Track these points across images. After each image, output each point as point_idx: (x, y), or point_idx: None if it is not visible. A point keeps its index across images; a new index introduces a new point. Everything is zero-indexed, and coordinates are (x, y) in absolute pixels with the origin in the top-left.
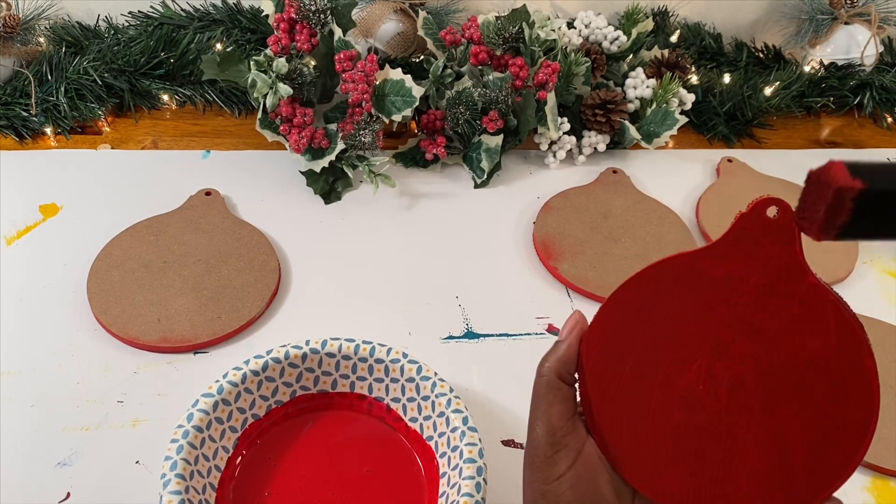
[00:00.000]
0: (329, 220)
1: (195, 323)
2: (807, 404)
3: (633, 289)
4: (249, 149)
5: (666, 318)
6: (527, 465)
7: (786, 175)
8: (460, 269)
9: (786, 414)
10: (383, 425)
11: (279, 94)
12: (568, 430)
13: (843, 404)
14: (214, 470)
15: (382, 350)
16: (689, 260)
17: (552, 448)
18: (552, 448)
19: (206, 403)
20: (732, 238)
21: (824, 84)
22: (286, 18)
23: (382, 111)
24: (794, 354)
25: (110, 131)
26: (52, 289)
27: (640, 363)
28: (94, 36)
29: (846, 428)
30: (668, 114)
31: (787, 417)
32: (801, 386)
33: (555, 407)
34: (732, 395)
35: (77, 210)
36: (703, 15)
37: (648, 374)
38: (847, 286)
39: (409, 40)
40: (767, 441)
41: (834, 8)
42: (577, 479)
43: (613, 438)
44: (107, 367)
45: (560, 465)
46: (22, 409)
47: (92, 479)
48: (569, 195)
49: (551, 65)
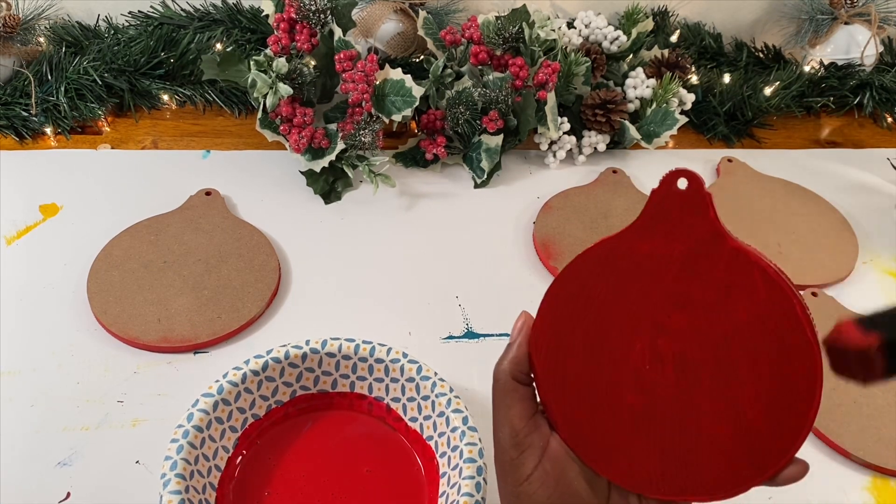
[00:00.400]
0: (329, 220)
1: (195, 323)
2: (753, 367)
3: (566, 280)
4: (249, 149)
5: (601, 303)
6: (497, 471)
7: (786, 175)
8: (460, 269)
9: (735, 380)
10: (383, 425)
11: (279, 94)
12: (530, 429)
13: (787, 362)
14: (214, 470)
15: (382, 350)
16: (613, 243)
17: (517, 450)
18: (517, 450)
19: (206, 403)
20: (649, 215)
21: (824, 84)
22: (286, 18)
23: (382, 111)
24: (730, 320)
25: (110, 131)
26: (52, 289)
27: (587, 352)
28: (94, 36)
29: (795, 384)
30: (668, 114)
31: (737, 384)
32: (743, 350)
33: (514, 409)
34: (680, 371)
35: (77, 210)
36: (703, 15)
37: (596, 361)
38: (847, 286)
39: (409, 40)
40: (723, 410)
41: (834, 8)
42: (546, 476)
43: (576, 430)
44: (107, 367)
45: (527, 465)
46: (22, 409)
47: (92, 479)
48: (569, 195)
49: (551, 65)
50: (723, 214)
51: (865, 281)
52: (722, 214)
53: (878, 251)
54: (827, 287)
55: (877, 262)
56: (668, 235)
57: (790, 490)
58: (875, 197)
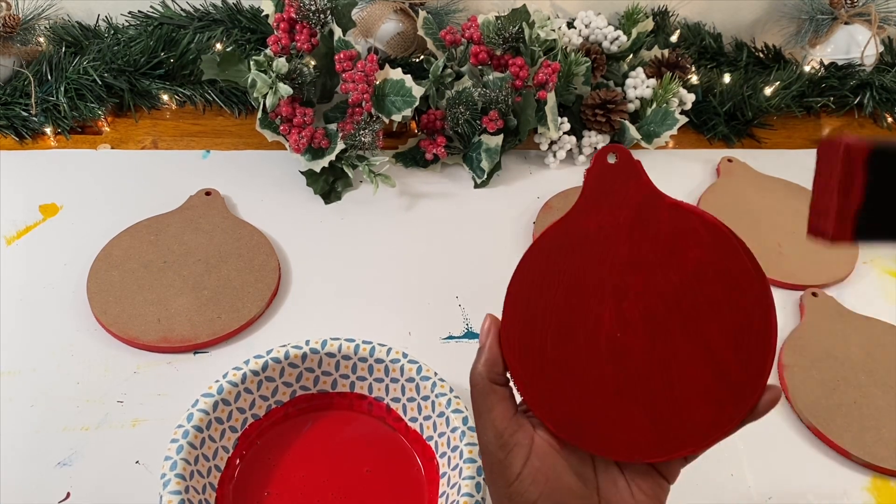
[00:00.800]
0: (329, 220)
1: (195, 323)
2: (713, 308)
3: (524, 272)
4: (249, 149)
5: (563, 285)
6: (486, 476)
7: (786, 175)
8: (460, 269)
9: (701, 323)
10: (383, 425)
11: (279, 94)
12: (514, 428)
13: (740, 293)
14: (214, 470)
15: (382, 350)
16: (562, 226)
17: (503, 450)
18: (503, 450)
19: (206, 403)
20: (589, 193)
21: (824, 84)
22: (286, 18)
23: (382, 111)
24: (683, 269)
25: (110, 131)
26: (52, 289)
27: (559, 334)
28: (94, 36)
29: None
30: (668, 114)
31: (704, 326)
32: (701, 294)
33: (494, 410)
34: (649, 329)
35: (77, 210)
36: (703, 15)
37: (569, 341)
38: (847, 286)
39: (409, 40)
40: (698, 355)
41: (834, 8)
42: (536, 473)
43: (564, 418)
44: (107, 367)
45: (515, 464)
46: (22, 409)
47: (92, 479)
48: (569, 195)
49: (551, 65)
50: (723, 214)
51: (865, 281)
52: (722, 214)
53: (878, 251)
54: (827, 287)
55: (877, 262)
56: (612, 206)
57: (790, 490)
58: None
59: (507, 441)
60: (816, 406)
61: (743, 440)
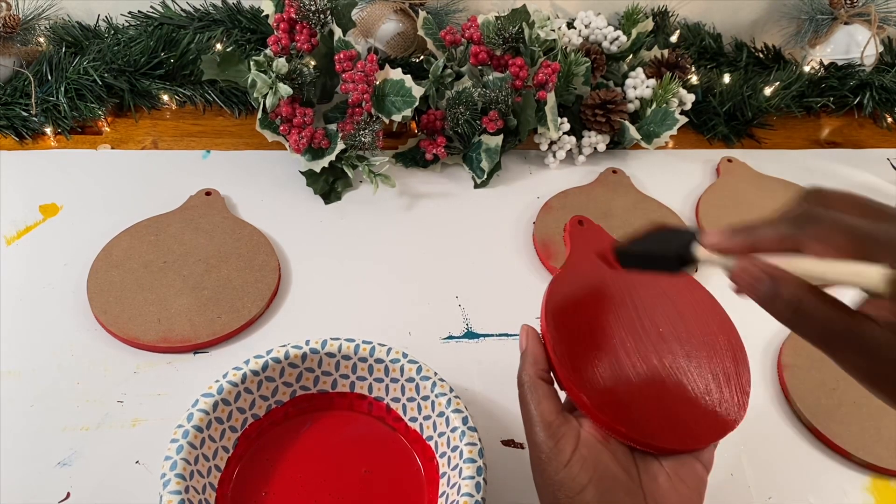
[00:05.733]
0: (329, 220)
1: (195, 323)
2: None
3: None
4: (249, 149)
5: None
6: (536, 468)
7: (785, 175)
8: (460, 269)
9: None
10: (383, 425)
11: (279, 94)
12: (561, 420)
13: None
14: (214, 470)
15: (382, 350)
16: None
17: (553, 439)
18: (553, 439)
19: (206, 403)
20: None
21: (824, 84)
22: (286, 18)
23: (382, 111)
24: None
25: (110, 131)
26: (52, 289)
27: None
28: (94, 36)
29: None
30: (668, 114)
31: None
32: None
33: (543, 404)
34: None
35: (77, 210)
36: (703, 15)
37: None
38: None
39: (409, 40)
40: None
41: (834, 8)
42: (585, 460)
43: (610, 410)
44: (107, 367)
45: (565, 451)
46: (22, 409)
47: (92, 479)
48: (569, 195)
49: (551, 65)
50: (723, 214)
51: None
52: (722, 214)
53: None
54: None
55: None
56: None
57: (790, 490)
58: (875, 197)
59: (556, 430)
60: (816, 406)
61: (743, 440)
